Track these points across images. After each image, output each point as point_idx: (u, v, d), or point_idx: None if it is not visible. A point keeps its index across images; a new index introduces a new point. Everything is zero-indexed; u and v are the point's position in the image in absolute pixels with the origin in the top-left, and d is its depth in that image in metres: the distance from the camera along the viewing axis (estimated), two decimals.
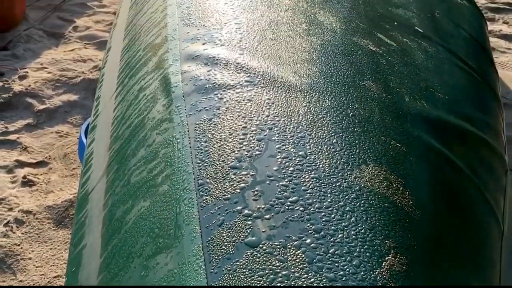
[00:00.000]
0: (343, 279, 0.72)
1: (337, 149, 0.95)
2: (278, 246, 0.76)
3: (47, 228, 2.07)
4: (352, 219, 0.81)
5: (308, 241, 0.77)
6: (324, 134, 0.98)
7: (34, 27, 3.82)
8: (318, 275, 0.72)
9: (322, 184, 0.87)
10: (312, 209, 0.82)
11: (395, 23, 1.56)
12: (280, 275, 0.72)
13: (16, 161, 2.42)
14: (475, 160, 1.16)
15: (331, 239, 0.77)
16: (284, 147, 0.94)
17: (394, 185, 0.91)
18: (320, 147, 0.95)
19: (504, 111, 1.88)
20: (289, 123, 1.00)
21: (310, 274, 0.72)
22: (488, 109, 1.43)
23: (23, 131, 2.65)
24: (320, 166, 0.90)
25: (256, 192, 0.85)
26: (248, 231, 0.79)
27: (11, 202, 2.17)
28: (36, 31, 3.78)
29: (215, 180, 0.89)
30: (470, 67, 1.51)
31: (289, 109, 1.04)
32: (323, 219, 0.80)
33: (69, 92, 3.02)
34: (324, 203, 0.83)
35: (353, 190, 0.86)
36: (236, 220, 0.81)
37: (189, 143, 0.99)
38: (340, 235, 0.78)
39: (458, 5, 2.04)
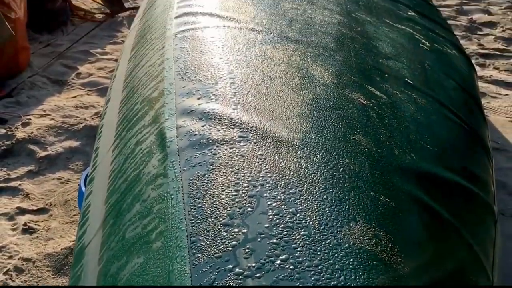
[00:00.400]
0: None
1: (327, 206, 0.95)
2: None
3: (46, 276, 2.05)
4: (341, 277, 0.81)
5: None
6: (315, 190, 0.98)
7: (38, 74, 3.86)
8: None
9: (312, 242, 0.87)
10: (302, 268, 0.82)
11: (386, 75, 1.58)
12: None
13: (17, 208, 2.41)
14: (464, 212, 1.16)
15: None
16: (275, 204, 0.95)
17: (383, 242, 0.90)
18: (310, 203, 0.95)
19: (495, 156, 1.89)
20: (280, 179, 1.01)
21: None
22: (477, 160, 1.44)
23: (25, 177, 2.66)
24: (310, 223, 0.90)
25: (247, 250, 0.85)
26: None
27: (11, 250, 2.15)
28: (40, 78, 3.82)
29: (207, 237, 0.89)
30: (459, 117, 1.52)
31: (280, 165, 1.05)
32: (313, 278, 0.80)
33: (71, 138, 3.03)
34: (314, 261, 0.83)
35: (342, 248, 0.86)
36: (227, 279, 0.81)
37: (183, 199, 1.00)
38: None
39: (448, 55, 2.06)
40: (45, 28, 4.66)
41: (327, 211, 0.94)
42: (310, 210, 0.93)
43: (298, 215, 0.92)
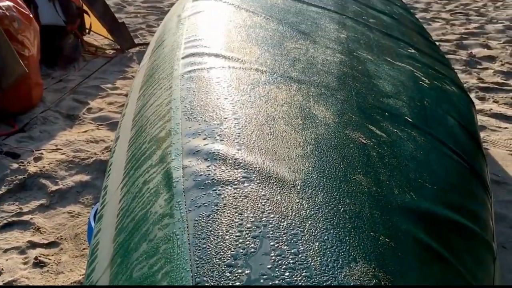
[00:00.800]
0: None
1: (328, 246, 0.95)
2: None
3: None
4: None
5: None
6: (316, 231, 0.99)
7: (51, 109, 3.90)
8: None
9: (314, 283, 0.87)
10: None
11: (386, 113, 1.59)
12: None
13: (29, 242, 2.42)
14: (463, 251, 1.16)
15: None
16: (277, 245, 0.95)
17: (383, 283, 0.91)
18: (312, 244, 0.96)
19: (495, 189, 1.90)
20: (283, 220, 1.01)
21: None
22: (476, 198, 1.44)
23: (36, 211, 2.67)
24: (312, 264, 0.91)
25: None
26: None
27: (22, 283, 2.16)
28: (52, 113, 3.86)
29: (212, 278, 0.90)
30: (458, 154, 1.53)
31: (283, 206, 1.06)
32: None
33: (82, 172, 3.05)
34: None
35: None
36: None
37: (188, 239, 1.00)
38: None
39: (447, 92, 2.08)
40: (57, 64, 4.72)
41: (328, 252, 0.94)
42: (311, 251, 0.94)
43: (300, 255, 0.93)
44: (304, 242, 0.96)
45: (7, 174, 2.96)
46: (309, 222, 1.01)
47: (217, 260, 0.93)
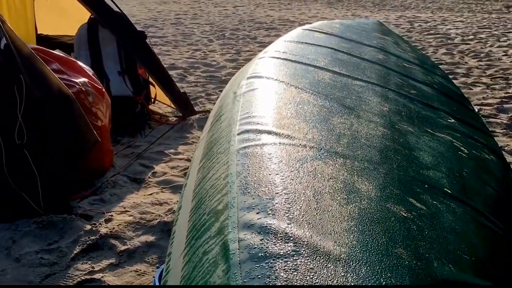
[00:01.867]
0: None
1: None
2: None
3: None
4: None
5: None
6: None
7: (120, 174, 4.05)
8: None
9: None
10: None
11: (426, 185, 1.61)
12: None
13: None
14: None
15: None
16: None
17: None
18: None
19: None
20: None
21: None
22: None
23: (107, 270, 2.76)
24: None
25: None
26: None
27: None
28: (121, 177, 4.00)
29: None
30: (496, 225, 1.53)
31: (328, 279, 1.09)
32: None
33: (147, 233, 3.14)
34: None
35: None
36: None
37: None
38: None
39: (486, 161, 2.08)
40: (126, 131, 4.92)
41: None
42: None
43: None
44: None
45: (81, 235, 3.09)
46: None
47: None
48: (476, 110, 5.13)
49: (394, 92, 2.66)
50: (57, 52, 4.22)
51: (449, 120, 2.45)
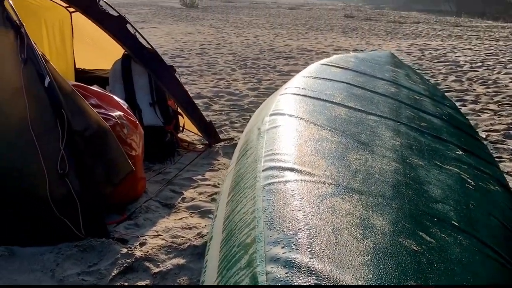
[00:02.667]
0: None
1: None
2: None
3: None
4: None
5: None
6: None
7: (152, 199, 4.15)
8: None
9: None
10: None
11: (435, 219, 1.68)
12: None
13: None
14: None
15: None
16: None
17: None
18: None
19: None
20: None
21: None
22: None
23: None
24: None
25: None
26: None
27: None
28: (153, 202, 4.10)
29: None
30: (501, 256, 1.59)
31: None
32: None
33: (178, 256, 3.22)
34: None
35: None
36: None
37: None
38: None
39: (491, 192, 2.14)
40: (157, 159, 5.04)
41: None
42: None
43: None
44: None
45: (118, 258, 3.18)
46: None
47: None
48: (484, 136, 5.16)
49: (405, 125, 2.73)
50: (94, 87, 4.37)
51: (457, 152, 2.52)
